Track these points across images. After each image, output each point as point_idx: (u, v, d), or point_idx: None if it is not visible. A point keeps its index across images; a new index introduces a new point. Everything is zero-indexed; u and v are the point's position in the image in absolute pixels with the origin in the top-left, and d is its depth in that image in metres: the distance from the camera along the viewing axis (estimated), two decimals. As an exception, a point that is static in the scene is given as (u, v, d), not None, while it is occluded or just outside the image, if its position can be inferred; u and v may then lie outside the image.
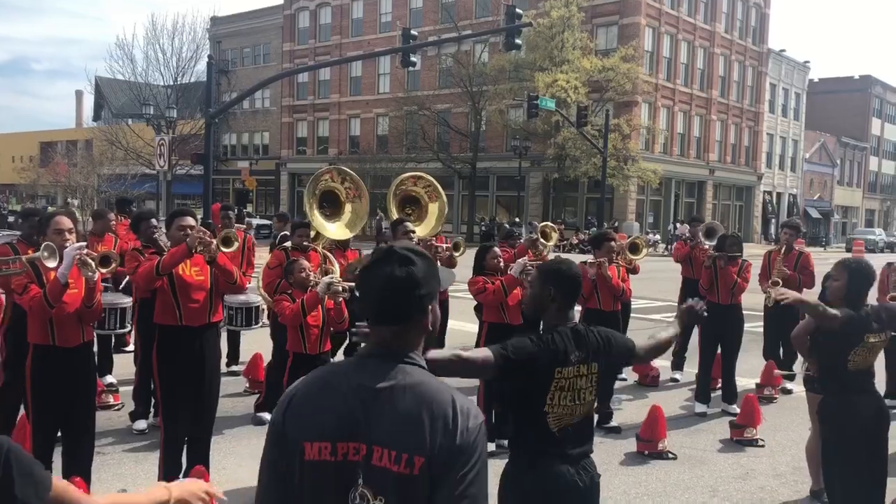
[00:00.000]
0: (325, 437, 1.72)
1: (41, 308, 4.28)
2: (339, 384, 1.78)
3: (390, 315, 1.80)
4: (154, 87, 42.21)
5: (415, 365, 1.80)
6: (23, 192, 60.58)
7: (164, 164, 24.96)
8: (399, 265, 1.78)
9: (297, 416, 1.76)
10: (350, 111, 48.87)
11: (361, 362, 1.82)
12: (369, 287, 1.81)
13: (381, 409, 1.71)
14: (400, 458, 1.68)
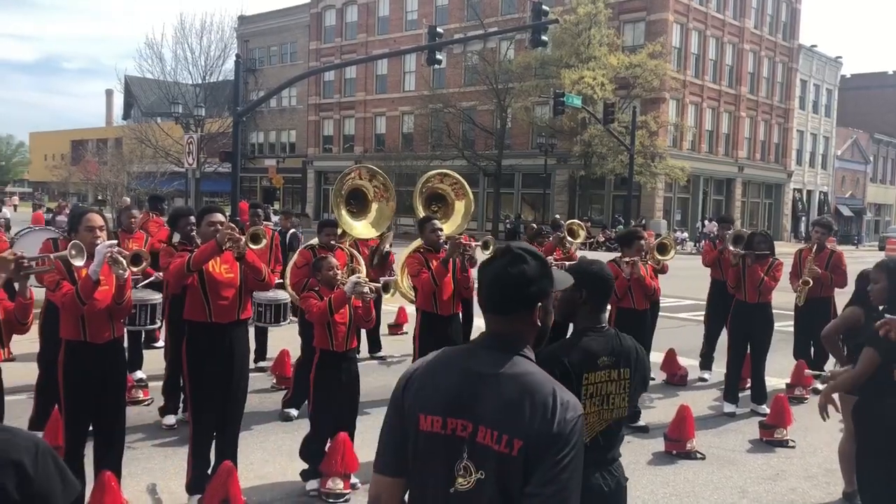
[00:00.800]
0: (438, 412, 1.93)
1: (73, 304, 4.34)
2: (453, 365, 1.99)
3: (499, 306, 2.00)
4: (183, 86, 42.66)
5: (523, 356, 1.98)
6: (55, 189, 61.67)
7: (192, 162, 25.19)
8: (512, 263, 1.98)
9: (416, 390, 1.99)
10: (376, 109, 49.01)
11: (476, 349, 2.02)
12: (484, 279, 2.03)
13: (488, 392, 1.90)
14: (501, 438, 1.85)
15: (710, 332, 9.30)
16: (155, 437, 6.42)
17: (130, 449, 5.74)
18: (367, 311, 5.27)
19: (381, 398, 7.82)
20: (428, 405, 1.94)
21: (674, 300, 15.82)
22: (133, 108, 59.29)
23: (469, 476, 1.88)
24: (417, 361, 2.11)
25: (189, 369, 4.92)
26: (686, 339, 10.87)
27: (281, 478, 5.58)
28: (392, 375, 8.86)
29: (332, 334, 5.15)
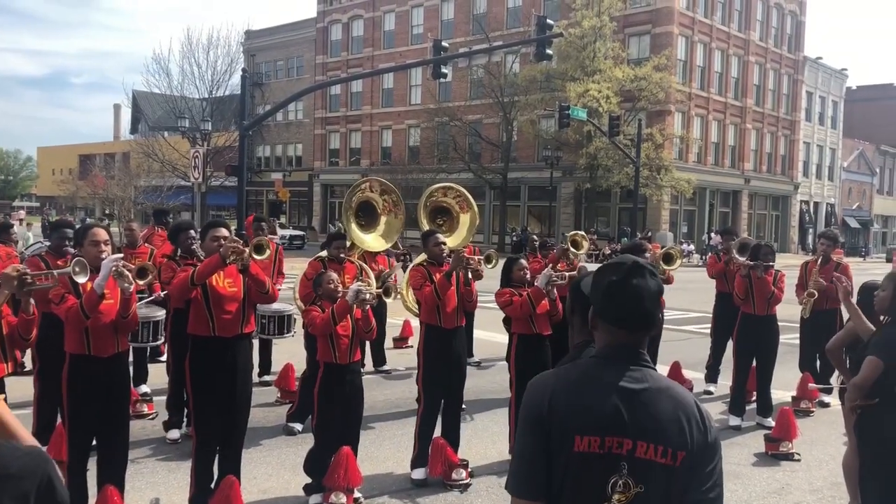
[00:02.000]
0: (595, 432, 1.93)
1: (77, 318, 4.36)
2: (599, 383, 1.98)
3: (646, 322, 2.02)
4: (189, 100, 42.92)
5: (651, 368, 2.03)
6: (62, 204, 61.97)
7: (198, 176, 25.32)
8: (651, 277, 2.01)
9: (566, 412, 1.95)
10: (382, 122, 49.21)
11: (608, 363, 2.01)
12: (627, 298, 2.00)
13: (644, 408, 1.94)
14: (666, 451, 1.92)
15: (717, 344, 9.28)
16: (159, 451, 6.42)
17: (134, 463, 5.75)
18: (367, 320, 5.27)
19: (386, 412, 7.85)
20: (584, 426, 1.93)
21: (679, 312, 15.79)
22: (140, 123, 59.68)
23: (628, 491, 1.93)
24: (542, 380, 2.07)
25: (193, 384, 4.93)
26: (691, 352, 10.83)
27: (284, 492, 5.58)
28: (396, 389, 8.86)
29: (335, 347, 5.16)
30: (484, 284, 6.74)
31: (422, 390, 6.07)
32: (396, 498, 5.56)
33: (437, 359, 5.97)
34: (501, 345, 8.84)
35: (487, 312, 10.46)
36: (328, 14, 51.83)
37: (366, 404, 5.66)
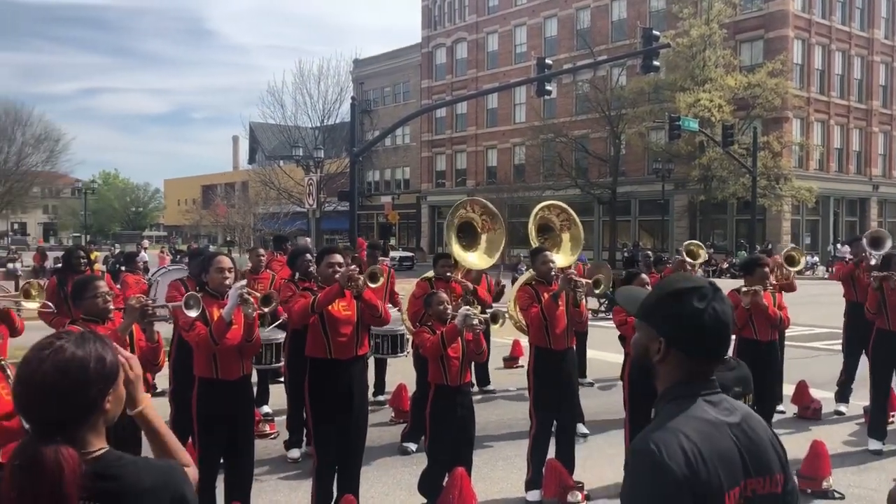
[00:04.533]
0: (734, 483, 1.75)
1: (206, 344, 4.61)
2: (718, 427, 1.78)
3: (725, 349, 1.91)
4: (302, 130, 44.55)
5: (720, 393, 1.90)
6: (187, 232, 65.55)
7: (312, 203, 26.22)
8: (723, 301, 1.86)
9: (712, 470, 1.71)
10: (487, 142, 49.51)
11: (699, 401, 1.82)
12: (715, 327, 1.82)
13: (750, 441, 1.81)
14: (774, 480, 1.83)
15: (849, 360, 8.72)
16: (281, 469, 6.65)
17: (258, 481, 5.96)
18: (478, 343, 5.29)
19: (499, 433, 7.82)
20: (728, 480, 1.73)
21: (806, 328, 14.98)
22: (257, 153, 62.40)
23: None
24: (661, 438, 1.74)
25: (311, 404, 5.09)
26: (819, 370, 10.25)
27: (401, 511, 5.64)
28: (509, 409, 8.82)
29: (446, 368, 5.20)
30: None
31: (533, 412, 6.02)
32: (511, 520, 5.52)
33: (547, 380, 5.91)
34: (616, 365, 8.65)
35: (601, 332, 10.28)
36: (432, 39, 52.79)
37: (478, 425, 5.66)
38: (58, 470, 1.61)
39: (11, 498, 1.61)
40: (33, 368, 1.69)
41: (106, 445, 1.80)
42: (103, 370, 1.77)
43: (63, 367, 1.69)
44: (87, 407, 1.74)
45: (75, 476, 1.63)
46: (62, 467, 1.61)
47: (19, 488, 1.60)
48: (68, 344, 1.73)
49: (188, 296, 4.45)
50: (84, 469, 1.67)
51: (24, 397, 1.72)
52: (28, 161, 52.17)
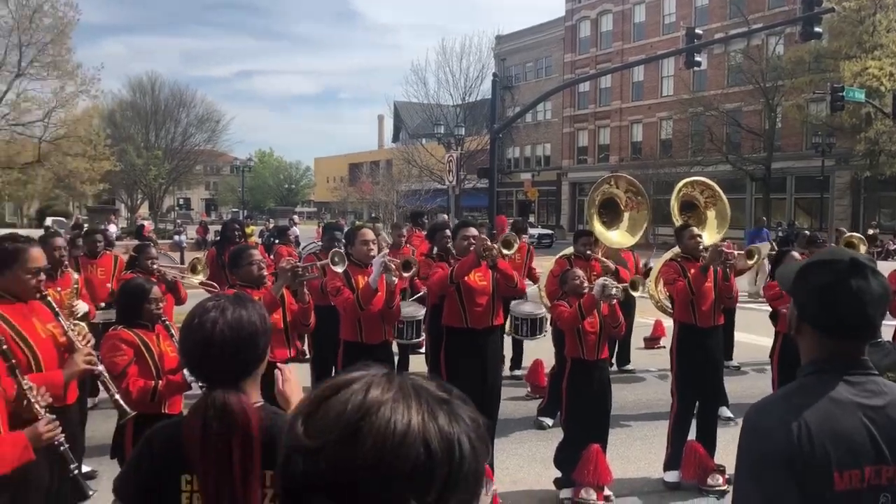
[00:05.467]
0: (854, 465, 1.66)
1: (353, 309, 4.86)
2: (846, 406, 1.70)
3: (866, 331, 1.76)
4: (444, 107, 45.12)
5: (876, 374, 1.77)
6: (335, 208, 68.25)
7: (452, 180, 26.58)
8: (873, 277, 1.72)
9: (821, 445, 1.65)
10: (632, 117, 48.12)
11: (833, 379, 1.73)
12: (845, 303, 1.72)
13: (892, 427, 1.68)
14: None
15: None
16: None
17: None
18: (615, 316, 5.21)
19: (636, 412, 7.68)
20: (842, 460, 1.64)
21: None
22: (401, 131, 63.87)
23: None
24: (774, 411, 1.73)
25: (446, 371, 5.22)
26: None
27: (535, 485, 5.68)
28: (648, 389, 8.64)
29: (583, 342, 5.17)
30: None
31: (675, 391, 5.86)
32: (647, 499, 5.43)
33: (691, 359, 5.72)
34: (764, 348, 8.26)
35: (751, 313, 9.83)
36: (576, 12, 51.73)
37: (616, 403, 5.60)
38: (244, 416, 1.77)
39: (204, 447, 1.76)
40: (208, 329, 1.85)
41: (261, 399, 1.95)
42: (266, 325, 1.94)
43: (235, 325, 1.85)
44: (256, 359, 1.91)
45: (259, 420, 1.80)
46: (247, 413, 1.77)
47: (216, 436, 1.75)
48: (229, 304, 1.89)
49: (333, 252, 4.73)
50: None
51: (201, 355, 1.88)
52: (192, 140, 55.98)
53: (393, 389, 0.94)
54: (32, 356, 3.20)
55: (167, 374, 3.88)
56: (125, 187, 52.44)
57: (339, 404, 0.93)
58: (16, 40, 29.60)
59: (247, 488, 1.77)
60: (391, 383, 0.95)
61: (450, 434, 0.93)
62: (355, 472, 0.88)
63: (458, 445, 0.93)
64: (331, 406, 0.93)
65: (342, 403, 0.92)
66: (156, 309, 4.02)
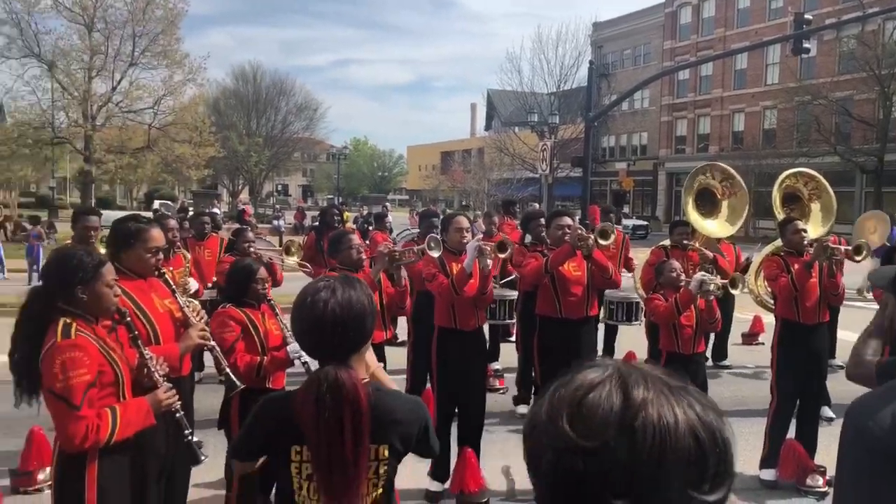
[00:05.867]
0: None
1: (448, 293, 4.95)
2: None
3: None
4: (538, 95, 44.78)
5: None
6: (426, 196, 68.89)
7: (545, 168, 26.38)
8: None
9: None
10: (734, 105, 46.47)
11: None
12: None
13: None
14: None
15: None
16: (509, 423, 6.91)
17: (487, 431, 6.25)
18: (711, 311, 5.11)
19: (732, 408, 7.48)
20: None
21: None
22: (494, 120, 63.77)
23: None
24: (884, 399, 1.69)
25: (540, 361, 5.25)
26: None
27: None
28: (744, 386, 8.41)
29: (679, 336, 5.09)
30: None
31: (775, 388, 5.70)
32: (744, 497, 5.32)
33: (793, 356, 5.55)
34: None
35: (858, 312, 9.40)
36: (677, -2, 50.29)
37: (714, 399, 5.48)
38: (355, 391, 1.87)
39: (317, 420, 1.87)
40: (321, 308, 1.95)
41: (367, 376, 2.05)
42: (372, 306, 2.05)
43: (345, 305, 1.96)
44: (363, 337, 2.02)
45: (368, 396, 1.89)
46: (358, 388, 1.87)
47: (328, 410, 1.86)
48: (339, 285, 1.99)
49: (430, 237, 4.83)
50: None
51: (313, 332, 1.98)
52: (291, 128, 57.60)
53: (643, 383, 0.95)
54: (152, 329, 3.43)
55: (272, 351, 4.07)
56: (227, 173, 54.44)
57: (601, 402, 0.92)
58: (130, 31, 31.18)
59: (356, 460, 1.86)
60: (637, 376, 0.96)
61: (710, 422, 0.94)
62: (637, 468, 0.89)
63: (718, 432, 0.94)
64: (592, 405, 0.93)
65: (605, 401, 0.92)
66: (262, 289, 4.22)
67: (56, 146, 32.96)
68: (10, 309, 10.56)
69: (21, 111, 31.27)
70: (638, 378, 0.96)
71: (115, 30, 31.01)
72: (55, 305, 2.88)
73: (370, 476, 1.96)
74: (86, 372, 2.75)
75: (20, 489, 5.14)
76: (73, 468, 2.83)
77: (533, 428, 0.98)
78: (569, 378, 1.00)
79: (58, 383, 2.72)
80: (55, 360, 2.73)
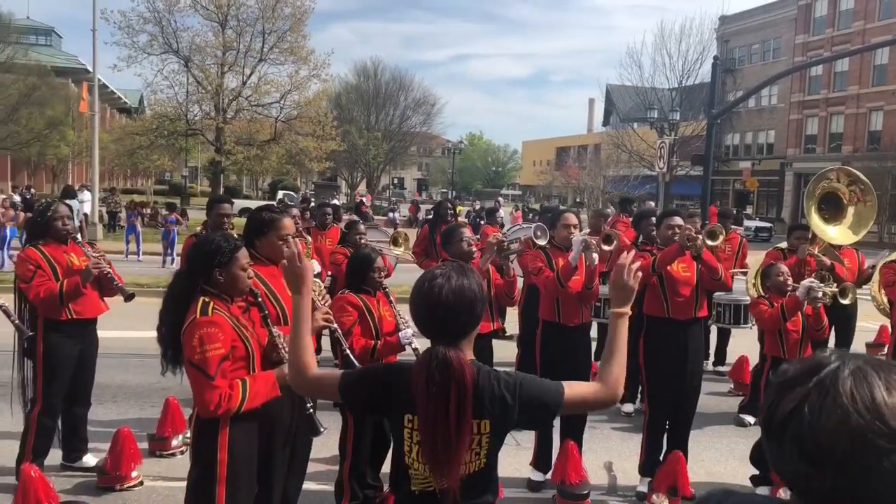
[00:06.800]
0: None
1: (553, 287, 5.07)
2: None
3: None
4: (659, 91, 43.66)
5: None
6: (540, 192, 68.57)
7: (663, 166, 25.79)
8: None
9: None
10: (871, 103, 43.70)
11: None
12: None
13: None
14: None
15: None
16: (614, 421, 6.95)
17: (593, 428, 6.33)
18: (818, 318, 4.99)
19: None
20: None
21: None
22: (612, 115, 62.64)
23: None
24: None
25: (646, 361, 5.27)
26: None
27: (731, 479, 5.59)
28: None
29: (784, 342, 5.01)
30: None
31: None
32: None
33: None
34: None
35: None
36: (812, -11, 47.79)
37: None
38: (461, 369, 2.06)
39: (427, 393, 2.07)
40: (436, 293, 2.15)
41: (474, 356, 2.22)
42: (482, 294, 2.23)
43: (458, 291, 2.15)
44: (473, 322, 2.21)
45: (472, 373, 2.10)
46: (464, 366, 2.06)
47: (437, 385, 2.06)
48: (454, 273, 2.18)
49: (536, 226, 4.99)
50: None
51: (430, 315, 2.18)
52: (408, 123, 58.67)
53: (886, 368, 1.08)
54: (281, 311, 3.73)
55: (385, 336, 4.32)
56: (347, 166, 56.06)
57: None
58: (260, 28, 32.65)
59: (459, 432, 2.05)
60: (876, 363, 1.10)
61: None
62: None
63: None
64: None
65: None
66: (378, 277, 4.47)
67: (189, 137, 34.89)
68: (147, 289, 11.46)
69: (159, 104, 33.31)
70: (876, 363, 1.10)
71: (246, 27, 32.56)
72: (196, 285, 3.21)
73: (473, 447, 2.13)
74: (220, 346, 3.06)
75: (156, 452, 5.63)
76: (208, 432, 3.14)
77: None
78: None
79: (196, 355, 3.04)
80: (194, 335, 3.05)
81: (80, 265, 4.81)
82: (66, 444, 5.21)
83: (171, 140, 33.81)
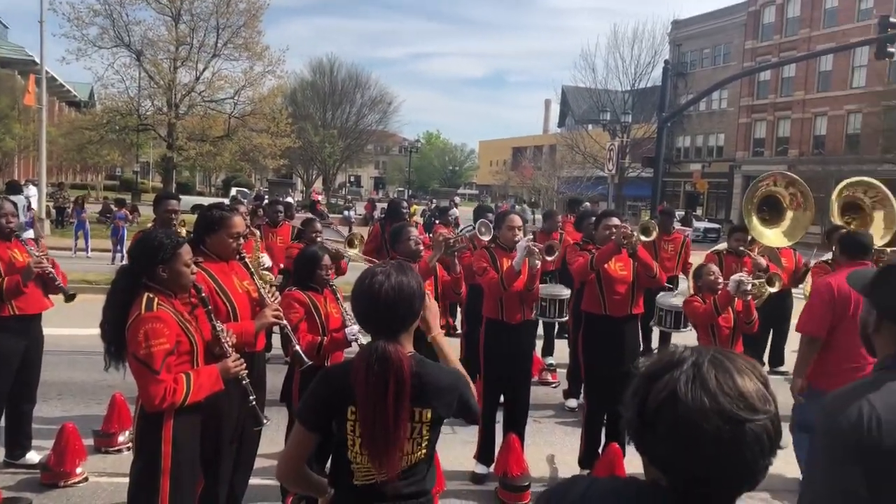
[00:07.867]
0: None
1: (496, 288, 5.20)
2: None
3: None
4: (612, 93, 44.36)
5: None
6: (496, 191, 69.02)
7: (612, 168, 26.26)
8: None
9: (883, 431, 1.74)
10: (816, 109, 45.01)
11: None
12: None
13: None
14: None
15: None
16: (558, 416, 7.13)
17: (536, 422, 6.50)
18: (748, 312, 5.23)
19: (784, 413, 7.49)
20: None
21: None
22: (567, 117, 63.33)
23: None
24: (847, 399, 1.82)
25: (585, 357, 5.45)
26: None
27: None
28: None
29: (716, 338, 5.23)
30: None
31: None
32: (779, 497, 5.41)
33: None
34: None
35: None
36: (761, -4, 49.00)
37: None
38: (399, 362, 2.19)
39: (366, 384, 2.20)
40: (376, 290, 2.29)
41: (413, 349, 2.34)
42: (421, 289, 2.37)
43: (397, 287, 2.29)
44: (412, 317, 2.35)
45: (409, 366, 2.23)
46: (401, 360, 2.18)
47: (375, 376, 2.19)
48: (394, 271, 2.30)
49: (480, 222, 5.15)
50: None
51: (370, 311, 2.32)
52: (364, 121, 58.48)
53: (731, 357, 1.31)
54: (231, 308, 3.80)
55: (332, 332, 4.41)
56: (302, 163, 55.66)
57: None
58: (214, 23, 32.27)
59: (397, 419, 2.17)
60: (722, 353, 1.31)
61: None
62: None
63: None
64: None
65: None
66: (325, 275, 4.56)
67: (141, 132, 34.35)
68: (95, 286, 11.31)
69: (110, 98, 32.67)
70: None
71: (200, 22, 32.15)
72: (140, 281, 3.26)
73: (413, 436, 2.26)
74: (165, 341, 3.12)
75: (102, 449, 5.63)
76: (151, 425, 3.21)
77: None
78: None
79: (141, 350, 3.09)
80: (140, 330, 3.11)
81: (23, 262, 4.79)
82: (9, 441, 5.19)
83: (123, 135, 33.27)
